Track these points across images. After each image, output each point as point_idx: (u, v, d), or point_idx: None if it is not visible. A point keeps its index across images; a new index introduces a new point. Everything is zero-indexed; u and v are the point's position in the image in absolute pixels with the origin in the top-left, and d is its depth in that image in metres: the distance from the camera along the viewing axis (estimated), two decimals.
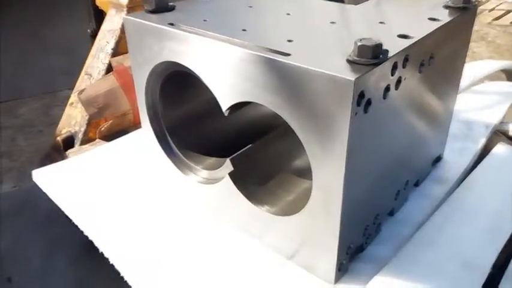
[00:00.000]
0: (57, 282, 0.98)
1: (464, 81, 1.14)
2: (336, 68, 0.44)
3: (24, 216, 0.74)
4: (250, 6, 0.69)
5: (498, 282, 0.57)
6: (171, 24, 0.61)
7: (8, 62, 2.53)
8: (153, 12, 0.67)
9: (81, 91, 1.05)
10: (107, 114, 1.03)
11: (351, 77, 0.43)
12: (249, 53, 0.51)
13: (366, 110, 0.46)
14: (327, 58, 0.47)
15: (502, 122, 0.98)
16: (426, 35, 0.55)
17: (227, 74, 0.56)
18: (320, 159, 0.50)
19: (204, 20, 0.63)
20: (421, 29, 0.56)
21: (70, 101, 1.22)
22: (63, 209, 0.73)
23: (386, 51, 0.47)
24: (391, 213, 0.69)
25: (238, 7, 0.69)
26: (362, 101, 0.45)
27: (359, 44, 0.45)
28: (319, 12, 0.65)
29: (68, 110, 1.21)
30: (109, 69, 1.15)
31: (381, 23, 0.60)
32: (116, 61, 1.10)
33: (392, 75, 0.49)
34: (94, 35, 1.30)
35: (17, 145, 1.67)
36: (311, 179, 0.52)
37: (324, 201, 0.52)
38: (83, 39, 1.51)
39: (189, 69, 0.61)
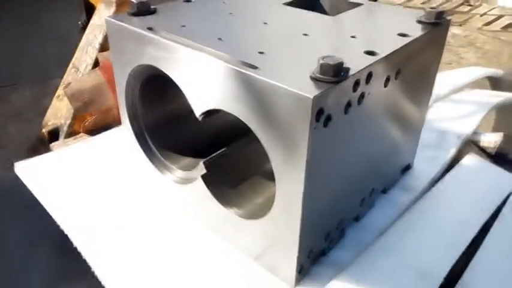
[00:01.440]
0: (38, 273, 1.00)
1: (444, 89, 1.17)
2: (298, 85, 0.47)
3: (6, 204, 0.75)
4: (231, 13, 0.71)
5: None
6: (150, 28, 0.63)
7: (1, 48, 2.53)
8: (135, 14, 0.69)
9: (67, 85, 1.06)
10: (92, 109, 1.04)
11: (310, 94, 0.45)
12: (220, 64, 0.53)
13: (325, 125, 0.49)
14: (292, 73, 0.50)
15: (475, 132, 1.01)
16: (392, 52, 0.57)
17: (200, 82, 0.58)
18: (282, 168, 0.52)
19: (183, 26, 0.65)
20: (388, 45, 0.58)
21: (57, 93, 1.24)
22: (41, 201, 0.76)
23: (348, 69, 0.50)
24: (357, 219, 0.72)
25: (218, 13, 0.71)
26: (321, 116, 0.47)
27: (321, 62, 0.48)
28: (295, 23, 0.68)
29: (54, 102, 1.22)
30: (96, 63, 1.16)
31: (352, 37, 0.62)
32: (102, 56, 1.12)
33: (354, 91, 0.52)
34: (84, 28, 1.32)
35: (7, 133, 1.68)
36: None
37: (285, 208, 0.55)
38: (77, 29, 1.52)
39: (166, 74, 0.63)
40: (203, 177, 0.67)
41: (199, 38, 0.60)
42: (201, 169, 0.67)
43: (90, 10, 1.32)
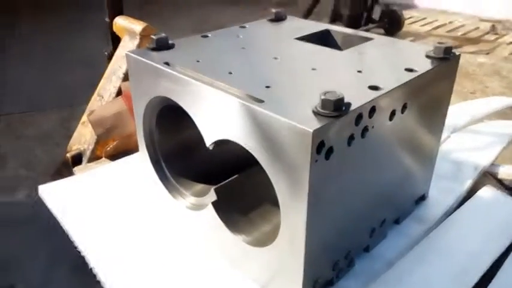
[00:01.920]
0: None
1: (462, 119, 1.16)
2: (300, 118, 0.49)
3: (33, 224, 0.80)
4: (243, 48, 0.74)
5: None
6: (166, 63, 0.67)
7: (30, 74, 2.67)
8: (154, 49, 0.73)
9: (91, 112, 1.13)
10: (114, 135, 1.10)
11: (311, 128, 0.47)
12: (227, 97, 0.56)
13: (327, 157, 0.51)
14: (296, 107, 0.52)
15: (493, 164, 0.99)
16: (397, 87, 0.59)
17: (210, 113, 0.61)
18: (286, 199, 0.54)
19: (197, 61, 0.68)
20: (393, 80, 0.60)
21: (82, 120, 1.30)
22: (61, 223, 0.79)
23: (349, 104, 0.51)
24: (367, 249, 0.72)
25: (232, 48, 0.75)
26: (322, 149, 0.49)
27: (322, 97, 0.50)
28: (304, 57, 0.70)
29: (79, 128, 1.29)
30: (119, 92, 1.22)
31: (358, 71, 0.64)
32: (125, 86, 1.18)
33: (356, 125, 0.53)
34: (110, 57, 1.39)
35: (35, 155, 1.77)
36: None
37: (290, 238, 0.56)
38: (103, 56, 1.61)
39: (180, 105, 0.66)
40: (213, 204, 0.69)
41: (211, 72, 0.63)
42: (211, 196, 0.70)
43: (116, 40, 1.40)
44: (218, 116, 0.60)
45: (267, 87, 0.58)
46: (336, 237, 0.61)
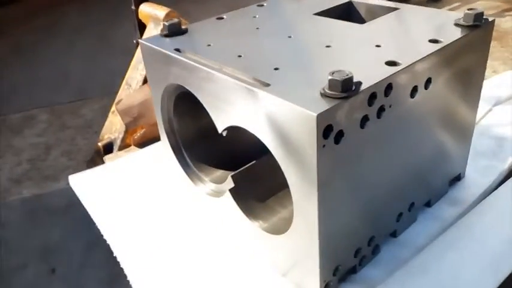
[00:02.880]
0: (95, 274, 1.08)
1: (506, 91, 1.07)
2: (305, 101, 0.46)
3: (72, 212, 0.83)
4: (257, 28, 0.71)
5: None
6: (177, 49, 0.66)
7: (75, 64, 2.77)
8: (167, 35, 0.72)
9: (119, 101, 1.14)
10: (141, 123, 1.11)
11: (315, 111, 0.44)
12: (234, 83, 0.54)
13: (337, 142, 0.47)
14: (303, 89, 0.49)
15: None
16: (417, 61, 0.54)
17: (218, 99, 0.59)
18: (297, 185, 0.52)
19: (208, 45, 0.66)
20: (414, 54, 0.55)
21: (112, 109, 1.33)
22: (89, 212, 0.82)
23: (359, 83, 0.48)
24: (394, 235, 0.69)
25: (245, 29, 0.72)
26: (330, 133, 0.46)
27: (329, 77, 0.46)
28: (320, 34, 0.66)
29: (110, 117, 1.32)
30: (145, 80, 1.23)
31: (377, 46, 0.59)
32: None
33: (370, 105, 0.49)
34: (137, 45, 1.40)
35: (76, 144, 1.85)
36: None
37: (304, 225, 0.54)
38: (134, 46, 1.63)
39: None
40: (231, 190, 0.68)
41: (221, 56, 0.61)
42: (229, 182, 0.68)
43: (143, 28, 1.41)
44: (226, 102, 0.58)
45: (276, 69, 0.55)
46: (355, 223, 0.58)
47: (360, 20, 0.78)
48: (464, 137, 0.75)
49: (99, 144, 1.25)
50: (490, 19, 0.64)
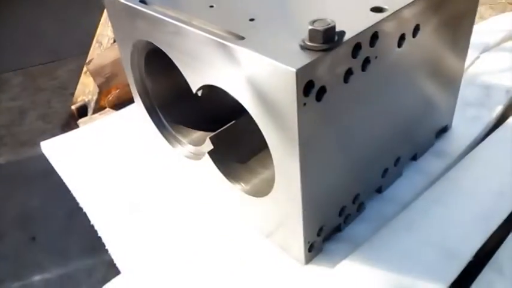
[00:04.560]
0: (77, 241, 1.06)
1: (494, 36, 1.03)
2: (284, 55, 0.42)
3: (51, 178, 0.79)
4: None
5: (479, 271, 0.54)
6: (143, 1, 0.60)
7: (47, 22, 2.60)
8: None
9: (90, 61, 1.07)
10: (115, 83, 1.05)
11: (294, 66, 0.40)
12: (205, 37, 0.49)
13: (318, 99, 0.44)
14: (281, 42, 0.44)
15: None
16: (405, 6, 0.49)
17: (191, 56, 0.54)
18: (277, 147, 0.48)
19: None
20: None
21: (84, 69, 1.25)
22: (64, 179, 0.78)
23: (343, 33, 0.43)
24: (379, 191, 0.67)
25: None
26: (311, 90, 0.42)
27: (310, 27, 0.42)
28: None
29: (82, 78, 1.25)
30: None
31: None
32: None
33: (354, 57, 0.45)
34: None
35: (52, 107, 1.76)
36: None
37: (285, 186, 0.51)
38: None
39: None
40: (210, 153, 0.64)
41: (191, 7, 0.55)
42: (208, 145, 0.65)
43: None
44: (198, 59, 0.53)
45: (251, 20, 0.50)
46: (339, 182, 0.56)
47: None
48: (452, 87, 0.72)
49: (73, 107, 1.19)
50: None
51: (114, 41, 1.16)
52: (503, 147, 0.72)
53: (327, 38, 0.42)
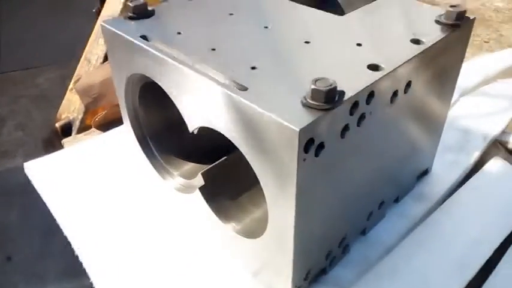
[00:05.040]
0: (56, 263, 1.03)
1: (472, 80, 1.08)
2: (287, 113, 0.43)
3: (31, 192, 0.77)
4: (231, 13, 0.67)
5: None
6: (144, 36, 0.60)
7: (29, 27, 2.54)
8: (132, 18, 0.66)
9: (77, 80, 1.06)
10: (103, 104, 1.04)
11: (298, 125, 0.41)
12: (209, 83, 0.50)
13: (317, 154, 0.45)
14: (283, 96, 0.46)
15: (504, 132, 0.93)
16: (400, 65, 0.52)
17: (191, 98, 0.55)
18: (273, 195, 0.49)
19: (178, 33, 0.61)
20: (397, 56, 0.53)
21: (70, 86, 1.24)
22: (46, 202, 0.76)
23: (343, 93, 0.45)
24: (363, 233, 0.69)
25: (218, 13, 0.67)
26: (311, 146, 0.44)
27: (312, 87, 0.43)
28: (298, 26, 0.62)
29: (68, 95, 1.23)
30: (107, 56, 1.14)
31: (358, 44, 0.56)
32: None
33: (351, 114, 0.47)
34: (98, 14, 1.29)
35: (32, 119, 1.71)
36: None
37: (278, 232, 0.52)
38: (92, 15, 1.50)
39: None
40: (201, 189, 0.65)
41: (192, 48, 0.56)
42: (199, 179, 0.65)
43: None
44: (200, 102, 0.54)
45: (253, 68, 0.52)
46: (329, 227, 0.58)
47: (337, 7, 0.74)
48: (436, 133, 0.76)
49: (57, 125, 1.17)
50: (471, 17, 0.63)
51: (104, 61, 1.16)
52: (480, 193, 0.76)
53: (328, 98, 0.43)
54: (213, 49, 0.56)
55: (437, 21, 0.62)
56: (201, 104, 0.54)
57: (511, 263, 0.63)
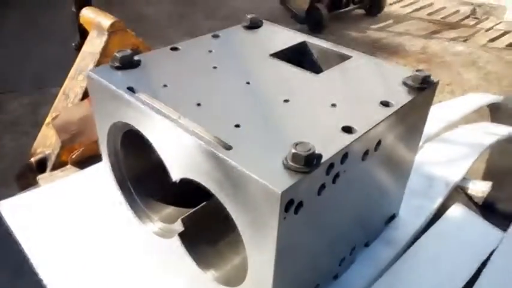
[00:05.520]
0: None
1: (435, 126, 1.15)
2: (270, 175, 0.46)
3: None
4: (215, 67, 0.70)
5: None
6: (130, 88, 0.63)
7: (1, 52, 2.51)
8: (118, 68, 0.68)
9: (55, 117, 1.07)
10: (80, 140, 1.05)
11: (280, 188, 0.45)
12: (193, 140, 0.53)
13: (296, 212, 0.49)
14: (266, 157, 0.49)
15: (464, 178, 1.00)
16: (372, 128, 0.57)
17: (175, 151, 0.58)
18: (252, 247, 0.52)
19: (164, 85, 0.64)
20: (368, 119, 0.58)
21: (46, 121, 1.23)
22: (21, 245, 0.76)
23: (320, 156, 0.49)
24: (335, 277, 0.72)
25: (203, 67, 0.70)
26: (291, 206, 0.47)
27: (293, 151, 0.47)
28: (278, 84, 0.67)
29: (44, 129, 1.22)
30: (86, 93, 1.16)
31: (332, 105, 0.61)
32: None
33: (327, 174, 0.51)
34: (78, 49, 1.31)
35: (3, 146, 1.67)
36: None
37: (257, 281, 0.55)
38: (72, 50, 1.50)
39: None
40: (180, 235, 0.67)
41: (178, 102, 0.59)
42: (179, 225, 0.67)
43: (84, 32, 1.31)
44: (184, 155, 0.56)
45: (236, 126, 0.55)
46: (304, 275, 0.60)
47: (314, 65, 0.80)
48: (403, 180, 0.81)
49: (32, 159, 1.16)
50: (435, 80, 0.69)
51: (83, 98, 1.17)
52: (442, 239, 0.81)
53: (307, 162, 0.47)
54: (198, 104, 0.60)
55: (404, 83, 0.68)
56: (185, 157, 0.56)
57: None
